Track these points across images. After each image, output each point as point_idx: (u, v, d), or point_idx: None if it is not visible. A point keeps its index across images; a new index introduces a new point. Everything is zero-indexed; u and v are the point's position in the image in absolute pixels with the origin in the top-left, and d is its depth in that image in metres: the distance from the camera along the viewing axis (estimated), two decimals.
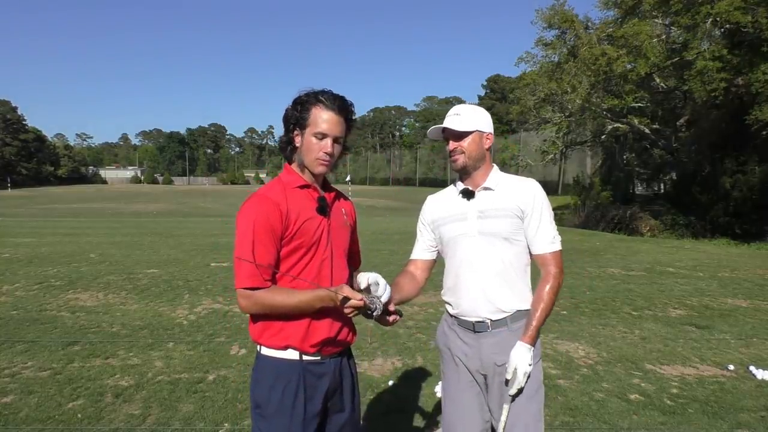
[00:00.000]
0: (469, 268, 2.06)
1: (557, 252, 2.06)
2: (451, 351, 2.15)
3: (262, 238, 1.70)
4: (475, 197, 2.09)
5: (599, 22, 19.49)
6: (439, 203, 2.22)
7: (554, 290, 2.01)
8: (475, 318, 2.05)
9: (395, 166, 78.81)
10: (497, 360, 2.02)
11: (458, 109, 2.11)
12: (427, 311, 6.54)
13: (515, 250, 2.05)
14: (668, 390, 4.11)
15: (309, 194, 1.81)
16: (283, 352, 1.75)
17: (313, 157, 1.76)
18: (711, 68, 14.37)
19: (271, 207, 1.71)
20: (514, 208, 2.04)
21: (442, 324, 2.24)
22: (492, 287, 2.03)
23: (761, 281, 8.83)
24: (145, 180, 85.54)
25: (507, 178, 2.13)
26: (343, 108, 1.76)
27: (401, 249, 12.14)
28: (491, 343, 2.04)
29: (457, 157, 2.07)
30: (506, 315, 2.03)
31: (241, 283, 1.70)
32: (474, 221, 2.07)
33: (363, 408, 3.73)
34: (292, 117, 1.78)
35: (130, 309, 6.47)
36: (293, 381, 1.74)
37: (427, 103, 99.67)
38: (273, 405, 1.73)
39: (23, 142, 70.92)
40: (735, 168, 15.49)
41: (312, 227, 1.77)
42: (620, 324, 6.04)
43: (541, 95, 20.57)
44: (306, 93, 1.77)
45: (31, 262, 9.88)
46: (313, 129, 1.74)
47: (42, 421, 3.46)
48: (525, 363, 1.95)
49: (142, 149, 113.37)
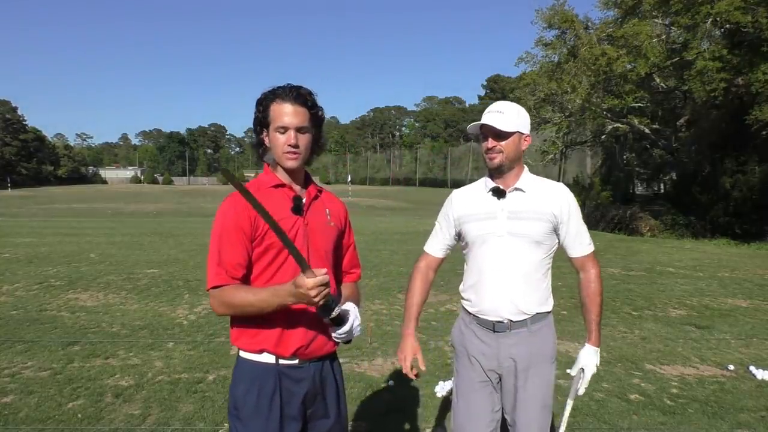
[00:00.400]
0: (494, 268, 2.06)
1: (593, 253, 2.14)
2: (467, 350, 2.15)
3: (231, 238, 1.69)
4: (506, 197, 2.06)
5: (599, 22, 19.50)
6: (467, 199, 2.17)
7: (601, 290, 2.11)
8: (496, 318, 2.06)
9: (395, 166, 78.81)
10: (515, 355, 2.05)
11: (501, 106, 2.06)
12: (427, 311, 6.53)
13: (542, 254, 2.06)
14: (668, 390, 4.11)
15: (284, 193, 1.78)
16: (259, 356, 1.74)
17: (279, 152, 1.74)
18: (711, 68, 14.37)
19: (240, 208, 1.69)
20: (547, 213, 2.04)
21: (459, 323, 2.24)
22: (516, 289, 2.04)
23: (761, 281, 8.83)
24: (145, 180, 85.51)
25: (537, 181, 2.12)
26: (300, 97, 1.73)
27: (401, 249, 12.16)
28: (510, 342, 2.06)
29: (495, 156, 2.03)
30: (527, 317, 2.05)
31: (209, 283, 1.69)
32: (504, 221, 2.05)
33: (363, 408, 3.74)
34: (256, 119, 1.78)
35: (130, 309, 6.47)
36: (269, 384, 1.72)
37: (427, 103, 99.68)
38: (249, 407, 1.72)
39: (23, 142, 70.88)
40: (735, 168, 15.49)
41: (284, 226, 1.69)
42: (620, 324, 6.04)
43: (541, 95, 20.56)
44: (264, 92, 1.76)
45: (31, 262, 9.88)
46: (275, 124, 1.73)
47: (42, 421, 3.46)
48: (593, 364, 2.07)
49: (142, 149, 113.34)
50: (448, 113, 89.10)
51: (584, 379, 2.06)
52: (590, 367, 2.06)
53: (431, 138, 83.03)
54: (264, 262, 1.73)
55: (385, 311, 6.53)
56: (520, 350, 2.04)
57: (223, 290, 1.67)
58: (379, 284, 8.09)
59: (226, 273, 1.68)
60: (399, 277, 8.69)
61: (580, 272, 2.14)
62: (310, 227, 1.79)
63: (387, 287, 7.86)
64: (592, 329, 2.10)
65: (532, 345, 2.06)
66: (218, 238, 1.70)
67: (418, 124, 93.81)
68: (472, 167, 61.52)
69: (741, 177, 15.22)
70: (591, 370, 2.06)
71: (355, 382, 4.19)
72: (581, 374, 2.07)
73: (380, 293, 7.50)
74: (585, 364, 2.06)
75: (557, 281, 2.14)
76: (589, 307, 2.11)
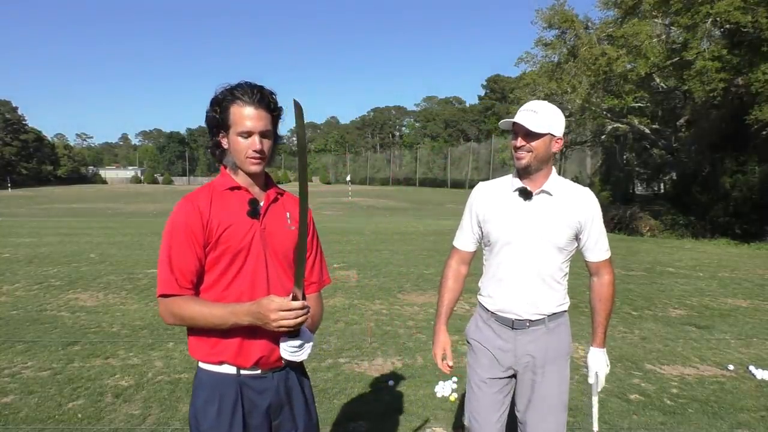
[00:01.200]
0: (515, 269, 2.07)
1: (609, 259, 2.17)
2: (483, 345, 2.17)
3: (181, 244, 1.60)
4: (533, 200, 2.05)
5: (599, 22, 19.49)
6: (492, 197, 2.15)
7: (612, 296, 2.16)
8: (516, 316, 2.09)
9: (395, 166, 78.78)
10: (532, 352, 2.10)
11: (536, 105, 2.03)
12: (427, 311, 6.53)
13: (563, 258, 2.09)
14: (668, 390, 4.11)
15: (240, 196, 1.69)
16: (219, 366, 1.66)
17: (242, 157, 1.64)
18: (710, 68, 14.37)
19: (191, 211, 1.62)
20: (572, 220, 2.05)
21: (476, 319, 2.25)
22: (536, 291, 2.07)
23: (761, 281, 8.83)
24: (145, 180, 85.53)
25: (565, 185, 2.10)
26: (263, 100, 1.62)
27: (401, 249, 12.15)
28: (528, 340, 2.10)
29: (523, 156, 2.01)
30: (545, 316, 2.09)
31: (159, 290, 1.61)
32: (529, 224, 2.04)
33: (363, 408, 3.74)
34: (213, 120, 1.66)
35: (130, 309, 6.47)
36: (230, 395, 1.65)
37: (427, 103, 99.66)
38: (210, 419, 1.64)
39: (23, 142, 70.88)
40: (735, 168, 15.49)
41: (239, 232, 1.64)
42: (620, 324, 6.04)
43: (541, 95, 20.56)
44: (222, 91, 1.64)
45: (31, 262, 9.88)
46: (237, 129, 1.62)
47: (42, 421, 3.46)
48: (603, 365, 2.17)
49: (142, 149, 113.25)
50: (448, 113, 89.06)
51: (599, 380, 2.17)
52: (602, 369, 2.16)
53: (431, 138, 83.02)
54: (218, 270, 1.64)
55: (385, 311, 6.53)
56: (538, 346, 2.09)
57: (173, 300, 1.60)
58: (379, 284, 8.09)
59: (177, 282, 1.60)
60: (399, 277, 8.69)
61: (594, 276, 2.17)
62: (268, 231, 1.69)
63: (387, 287, 7.86)
64: (599, 332, 2.16)
65: (550, 342, 2.10)
66: (168, 242, 1.62)
67: (418, 124, 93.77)
68: (471, 167, 61.55)
69: (741, 177, 15.23)
70: (603, 371, 2.16)
71: (355, 382, 4.19)
72: (596, 377, 2.18)
73: (380, 293, 7.50)
74: (597, 369, 2.17)
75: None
76: (599, 311, 2.15)
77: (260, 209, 1.70)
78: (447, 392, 3.94)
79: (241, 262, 1.65)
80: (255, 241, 1.66)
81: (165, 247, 1.62)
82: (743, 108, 14.79)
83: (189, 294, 1.62)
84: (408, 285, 8.10)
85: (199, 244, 1.62)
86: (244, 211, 1.67)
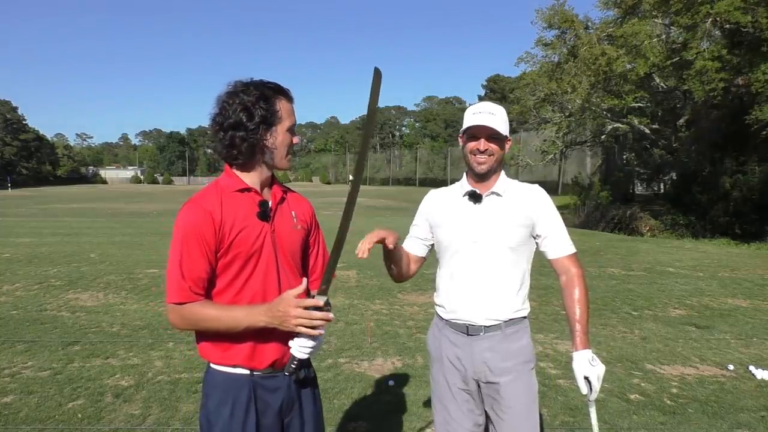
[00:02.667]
0: (467, 273, 1.99)
1: (575, 254, 2.03)
2: (442, 355, 2.07)
3: (192, 251, 1.57)
4: (482, 202, 2.00)
5: (599, 22, 19.50)
6: (442, 202, 2.11)
7: (586, 291, 1.98)
8: (469, 322, 1.99)
9: (395, 166, 78.78)
10: (489, 360, 1.97)
11: (490, 107, 1.97)
12: (427, 311, 6.53)
13: (517, 259, 1.99)
14: (668, 390, 4.11)
15: (250, 198, 1.67)
16: (232, 368, 1.66)
17: (282, 152, 1.66)
18: (710, 68, 14.37)
19: (202, 217, 1.58)
20: (522, 218, 1.98)
21: (432, 328, 2.17)
22: (490, 295, 1.97)
23: (761, 281, 8.83)
24: (145, 180, 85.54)
25: (513, 184, 2.05)
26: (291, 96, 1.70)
27: None
28: (484, 347, 1.98)
29: (485, 160, 1.95)
30: (501, 321, 1.98)
31: (169, 298, 1.59)
32: (479, 227, 1.98)
33: (363, 408, 3.74)
34: (258, 113, 1.60)
35: (130, 309, 6.47)
36: (243, 396, 1.64)
37: (427, 103, 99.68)
38: (223, 420, 1.63)
39: (23, 142, 70.90)
40: (735, 168, 15.47)
41: (251, 235, 1.63)
42: (620, 324, 6.04)
43: (541, 95, 20.58)
44: (261, 86, 1.64)
45: (31, 262, 9.88)
46: (286, 124, 1.64)
47: (42, 421, 3.46)
48: (587, 367, 1.89)
49: (142, 149, 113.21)
50: (448, 113, 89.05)
51: (592, 385, 1.90)
52: (589, 371, 1.88)
53: (431, 138, 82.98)
54: (230, 274, 1.63)
55: (385, 311, 6.53)
56: (495, 354, 1.97)
57: (186, 307, 1.58)
58: (379, 284, 8.09)
59: (189, 289, 1.57)
60: None
61: (561, 275, 2.02)
62: (277, 233, 1.69)
63: (387, 287, 7.85)
64: (577, 333, 1.92)
65: (509, 349, 1.98)
66: (179, 249, 1.58)
67: (418, 124, 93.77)
68: None
69: (741, 177, 15.21)
70: (593, 373, 1.88)
71: (355, 382, 4.19)
72: (587, 383, 1.91)
73: (380, 293, 7.50)
74: (583, 372, 1.89)
75: (557, 281, 2.09)
76: (573, 310, 1.95)
77: (270, 211, 1.69)
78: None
79: (253, 266, 1.64)
80: (266, 243, 1.66)
81: (175, 253, 1.58)
82: (743, 108, 14.79)
83: (201, 299, 1.60)
84: (408, 285, 8.09)
85: (210, 251, 1.59)
86: (254, 213, 1.66)
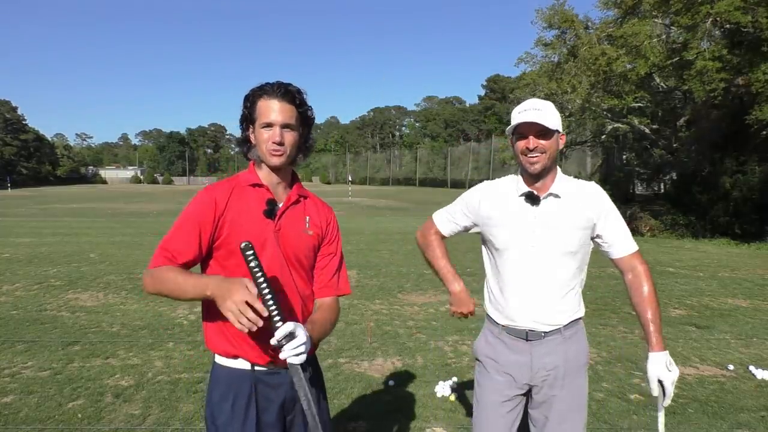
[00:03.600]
0: (526, 278, 1.92)
1: (638, 251, 1.97)
2: (496, 361, 2.01)
3: (183, 229, 1.64)
4: (540, 204, 1.91)
5: (599, 22, 19.48)
6: (497, 200, 2.00)
7: (654, 289, 1.92)
8: (529, 327, 1.95)
9: (395, 166, 78.76)
10: (549, 364, 1.95)
11: (537, 103, 1.90)
12: (427, 311, 6.54)
13: (577, 263, 1.94)
14: None
15: (260, 194, 1.70)
16: (234, 361, 1.69)
17: (264, 149, 1.67)
18: (711, 68, 14.37)
19: (207, 203, 1.65)
20: (582, 220, 1.91)
21: (485, 334, 2.09)
22: (550, 300, 1.92)
23: (761, 281, 8.83)
24: (145, 180, 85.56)
25: (571, 184, 1.98)
26: (288, 94, 1.66)
27: (401, 249, 12.14)
28: (544, 352, 1.95)
29: (538, 158, 1.86)
30: (560, 326, 1.95)
31: (149, 264, 1.64)
32: (537, 231, 1.90)
33: (363, 408, 3.74)
34: (243, 115, 1.72)
35: (130, 309, 6.47)
36: (244, 391, 1.67)
37: (427, 103, 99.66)
38: (224, 414, 1.66)
39: (23, 142, 70.92)
40: (735, 168, 15.47)
41: (252, 230, 1.65)
42: (620, 324, 6.04)
43: (541, 95, 20.56)
44: (252, 88, 1.71)
45: (31, 262, 9.88)
46: (261, 120, 1.66)
47: (42, 421, 3.46)
48: (663, 370, 1.82)
49: (142, 149, 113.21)
50: (448, 113, 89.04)
51: (665, 389, 1.83)
52: (664, 374, 1.82)
53: (431, 138, 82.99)
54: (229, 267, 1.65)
55: (385, 311, 6.53)
56: (555, 358, 1.94)
57: (156, 269, 1.60)
58: (379, 284, 8.09)
59: (165, 257, 1.61)
60: (399, 277, 8.69)
61: (627, 273, 1.96)
62: (282, 233, 1.69)
63: (387, 287, 7.86)
64: (652, 334, 1.85)
65: (568, 352, 1.96)
66: (177, 224, 1.66)
67: (418, 124, 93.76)
68: (471, 167, 61.48)
69: (741, 177, 15.21)
70: (667, 377, 1.82)
71: (355, 382, 4.19)
72: (660, 387, 1.84)
73: (380, 293, 7.50)
74: (656, 374, 1.82)
75: None
76: (645, 309, 1.88)
77: (277, 210, 1.70)
78: (447, 392, 3.94)
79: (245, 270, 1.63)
80: (269, 242, 1.67)
81: (173, 226, 1.66)
82: (743, 108, 14.79)
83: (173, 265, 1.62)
84: (408, 285, 8.10)
85: (205, 235, 1.64)
86: (260, 209, 1.68)
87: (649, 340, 1.86)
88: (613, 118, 19.88)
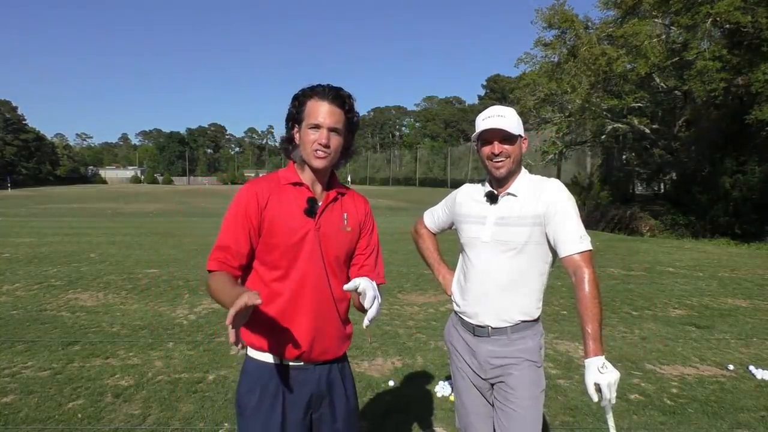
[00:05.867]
0: (478, 273, 2.02)
1: (587, 252, 1.86)
2: (456, 349, 2.14)
3: (233, 223, 1.69)
4: (498, 203, 2.02)
5: (599, 22, 19.47)
6: (468, 199, 2.15)
7: (595, 293, 1.80)
8: (477, 322, 2.02)
9: (395, 166, 78.79)
10: (493, 362, 2.00)
11: (500, 110, 1.97)
12: (427, 311, 6.54)
13: (529, 261, 1.96)
14: (668, 390, 4.12)
15: (300, 193, 1.74)
16: (264, 355, 1.72)
17: (309, 150, 1.69)
18: (711, 68, 14.37)
19: (251, 194, 1.70)
20: (532, 216, 1.94)
21: (449, 320, 2.25)
22: (498, 297, 1.97)
23: (761, 281, 8.83)
24: (145, 180, 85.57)
25: (530, 182, 2.01)
26: (338, 98, 1.69)
27: (401, 249, 12.13)
28: (489, 349, 2.01)
29: (501, 164, 1.94)
30: (509, 325, 1.98)
31: (207, 265, 1.69)
32: (491, 227, 1.99)
33: (363, 408, 3.74)
34: (290, 114, 1.75)
35: (130, 309, 6.47)
36: (272, 385, 1.70)
37: (427, 103, 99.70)
38: (251, 407, 1.71)
39: (23, 142, 70.90)
40: (735, 168, 15.47)
41: (293, 227, 1.69)
42: (620, 324, 6.04)
43: (540, 95, 20.55)
44: (307, 88, 1.74)
45: (31, 262, 9.88)
46: (308, 121, 1.69)
47: (42, 421, 3.46)
48: (597, 375, 1.73)
49: (142, 149, 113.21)
50: (448, 113, 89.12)
51: (604, 394, 1.73)
52: (600, 378, 1.72)
53: (431, 138, 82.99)
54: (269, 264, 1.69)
55: (385, 311, 6.53)
56: (500, 357, 1.98)
57: (210, 275, 1.66)
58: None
59: (217, 259, 1.66)
60: (399, 277, 8.69)
61: (571, 275, 1.87)
62: (323, 232, 1.73)
63: (387, 287, 7.85)
64: (587, 340, 1.77)
65: (513, 353, 1.96)
66: (225, 223, 1.70)
67: (418, 124, 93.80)
68: (471, 167, 61.47)
69: (741, 177, 15.20)
70: (602, 379, 1.71)
71: (355, 382, 4.19)
72: (599, 391, 1.75)
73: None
74: (593, 380, 1.73)
75: (557, 281, 2.09)
76: (581, 315, 1.80)
77: (317, 209, 1.73)
78: (447, 392, 3.94)
79: (293, 260, 1.69)
80: (308, 239, 1.70)
81: (222, 225, 1.71)
82: (743, 108, 14.79)
83: (227, 270, 1.66)
84: (408, 285, 8.10)
85: (253, 227, 1.68)
86: (301, 208, 1.72)
87: (585, 347, 1.78)
88: (613, 118, 19.86)
